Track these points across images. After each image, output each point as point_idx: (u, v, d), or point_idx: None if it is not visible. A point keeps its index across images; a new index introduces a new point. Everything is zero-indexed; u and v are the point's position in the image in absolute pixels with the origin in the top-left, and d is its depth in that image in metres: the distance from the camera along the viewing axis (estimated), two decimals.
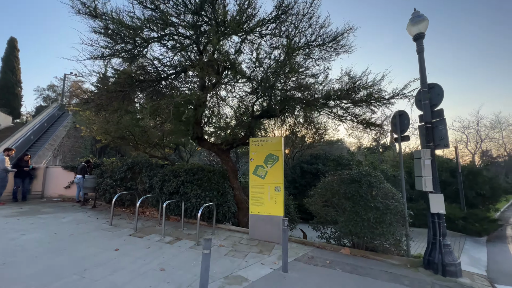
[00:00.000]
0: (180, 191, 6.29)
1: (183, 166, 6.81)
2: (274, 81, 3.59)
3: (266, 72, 3.72)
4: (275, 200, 5.43)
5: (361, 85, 3.81)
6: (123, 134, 7.31)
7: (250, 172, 5.71)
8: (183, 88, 5.43)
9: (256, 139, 5.77)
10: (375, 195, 4.62)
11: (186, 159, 10.78)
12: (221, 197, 6.20)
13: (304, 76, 4.58)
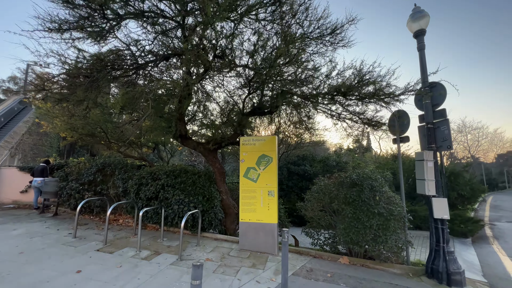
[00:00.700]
0: (160, 196, 5.54)
1: (164, 168, 6.05)
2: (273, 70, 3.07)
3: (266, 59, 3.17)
4: (268, 206, 4.91)
5: (370, 79, 3.42)
6: (92, 130, 6.36)
7: (241, 174, 5.14)
8: (165, 79, 4.71)
9: (248, 138, 5.22)
10: (379, 200, 4.27)
11: (166, 159, 9.90)
12: (207, 202, 5.55)
13: (303, 68, 4.10)
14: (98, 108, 5.15)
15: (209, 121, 5.60)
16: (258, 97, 6.07)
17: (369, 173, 4.70)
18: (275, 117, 7.28)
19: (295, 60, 3.35)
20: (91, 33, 2.96)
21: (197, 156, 20.51)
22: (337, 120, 5.12)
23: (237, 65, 3.31)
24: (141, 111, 5.43)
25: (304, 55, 3.73)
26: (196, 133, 6.18)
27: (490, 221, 10.51)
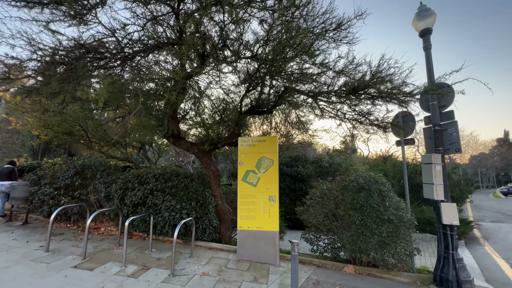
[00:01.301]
0: (148, 202, 4.99)
1: (152, 170, 5.49)
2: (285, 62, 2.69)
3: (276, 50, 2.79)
4: (269, 212, 4.54)
5: (387, 76, 3.14)
6: (70, 128, 5.67)
7: (239, 178, 4.73)
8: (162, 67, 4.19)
9: (247, 139, 4.81)
10: (388, 206, 4.02)
11: (154, 160, 9.23)
12: (200, 208, 5.07)
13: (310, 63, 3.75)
14: (77, 103, 4.52)
15: (204, 120, 5.12)
16: (257, 95, 5.70)
17: (376, 177, 4.45)
18: (272, 116, 6.94)
19: (305, 52, 3.00)
20: (68, 11, 2.42)
21: (185, 157, 19.76)
22: (340, 120, 4.85)
23: (245, 56, 2.89)
24: (128, 108, 4.86)
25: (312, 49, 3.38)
26: (189, 132, 5.67)
27: (475, 221, 10.79)
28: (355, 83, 3.04)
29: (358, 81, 3.05)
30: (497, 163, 50.85)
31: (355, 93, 3.24)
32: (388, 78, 3.10)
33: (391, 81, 3.19)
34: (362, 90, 3.17)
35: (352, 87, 3.07)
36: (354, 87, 3.05)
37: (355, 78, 3.30)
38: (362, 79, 3.05)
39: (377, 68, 3.08)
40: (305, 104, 5.17)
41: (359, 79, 3.12)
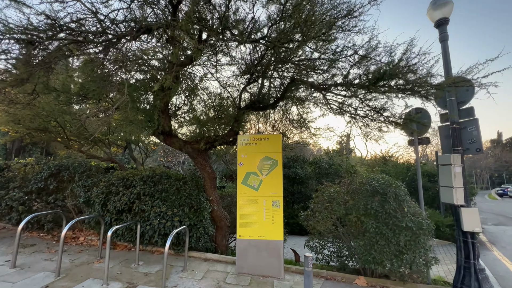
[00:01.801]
0: (135, 209, 4.56)
1: (139, 172, 5.06)
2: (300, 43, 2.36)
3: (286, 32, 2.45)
4: (272, 219, 4.22)
5: (413, 65, 2.86)
6: (44, 124, 5.16)
7: (238, 181, 4.39)
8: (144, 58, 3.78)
9: (247, 137, 4.47)
10: (407, 212, 3.77)
11: (141, 160, 8.72)
12: (194, 215, 4.69)
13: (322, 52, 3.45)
14: (52, 94, 4.04)
15: (200, 115, 4.73)
16: (258, 89, 5.37)
17: (390, 180, 4.20)
18: (273, 113, 6.63)
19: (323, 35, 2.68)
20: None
21: (174, 157, 19.17)
22: (351, 117, 4.58)
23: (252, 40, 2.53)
24: (111, 101, 4.42)
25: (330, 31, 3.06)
26: (181, 130, 5.26)
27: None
28: (379, 73, 2.75)
29: (381, 70, 2.76)
30: (491, 164, 52.53)
31: (376, 85, 2.95)
32: (414, 68, 2.83)
33: (415, 71, 2.91)
34: (386, 80, 2.88)
35: (375, 77, 2.78)
36: (377, 77, 2.76)
37: (378, 67, 3.01)
38: (387, 68, 2.76)
39: (404, 55, 2.79)
40: (311, 99, 4.87)
41: (382, 68, 2.83)
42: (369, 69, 3.10)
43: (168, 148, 19.08)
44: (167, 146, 17.72)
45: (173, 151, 18.91)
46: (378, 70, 2.77)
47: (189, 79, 4.41)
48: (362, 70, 3.23)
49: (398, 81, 2.95)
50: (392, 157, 15.65)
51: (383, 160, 14.91)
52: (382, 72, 2.73)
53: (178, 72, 3.10)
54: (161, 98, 3.50)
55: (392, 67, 2.74)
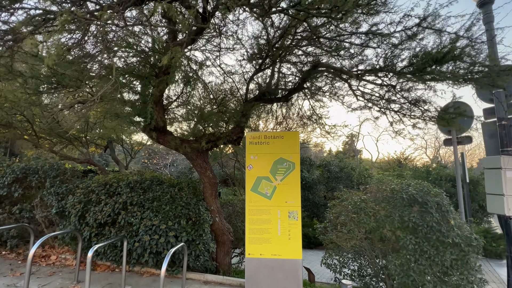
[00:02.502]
0: (120, 221, 4.18)
1: (125, 177, 4.68)
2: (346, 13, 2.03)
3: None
4: (289, 234, 3.91)
5: (472, 45, 2.58)
6: (8, 118, 4.71)
7: (247, 188, 4.07)
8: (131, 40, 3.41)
9: (258, 135, 4.15)
10: (453, 225, 3.50)
11: (124, 163, 8.27)
12: (193, 228, 4.35)
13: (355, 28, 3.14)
14: (18, 81, 3.62)
15: (201, 107, 4.36)
16: (268, 77, 5.06)
17: (428, 186, 3.93)
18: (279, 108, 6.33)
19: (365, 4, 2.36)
20: None
21: (160, 158, 18.64)
22: (380, 111, 4.31)
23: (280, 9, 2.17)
24: (92, 90, 4.02)
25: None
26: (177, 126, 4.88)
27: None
28: (440, 53, 2.43)
29: (441, 51, 2.46)
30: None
31: (426, 70, 2.64)
32: (474, 50, 2.54)
33: (473, 55, 2.63)
34: (441, 64, 2.58)
35: (434, 58, 2.46)
36: (437, 58, 2.45)
37: (429, 48, 2.71)
38: (448, 48, 2.46)
39: (468, 32, 2.48)
40: (332, 90, 4.58)
41: (442, 48, 2.53)
42: (418, 50, 2.80)
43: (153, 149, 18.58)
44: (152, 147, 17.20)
45: (160, 152, 18.42)
46: (439, 51, 2.45)
47: (187, 65, 4.05)
48: (409, 53, 2.93)
49: (454, 65, 2.66)
50: (407, 159, 15.55)
51: (398, 163, 14.79)
52: (443, 52, 2.41)
53: (179, 52, 2.73)
54: (156, 84, 3.12)
55: (452, 48, 2.44)
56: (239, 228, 5.94)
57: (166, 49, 3.32)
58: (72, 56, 3.40)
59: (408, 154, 17.46)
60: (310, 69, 3.67)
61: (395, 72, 2.93)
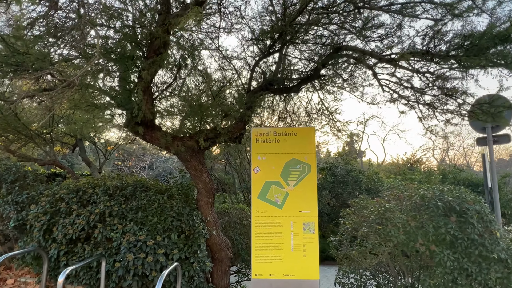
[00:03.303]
0: (97, 236, 3.89)
1: (102, 182, 4.36)
2: None
3: None
4: (304, 250, 3.76)
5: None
6: None
7: (253, 194, 3.90)
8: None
9: (266, 131, 3.96)
10: (497, 239, 3.39)
11: (97, 164, 7.82)
12: (186, 244, 4.12)
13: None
14: None
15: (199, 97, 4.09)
16: (272, 65, 4.89)
17: (464, 192, 3.83)
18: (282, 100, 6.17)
19: None
20: None
21: (136, 160, 18.08)
22: (408, 104, 4.19)
23: None
24: (61, 74, 3.68)
25: None
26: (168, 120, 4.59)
27: None
28: (500, 34, 2.25)
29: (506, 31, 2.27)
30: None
31: (486, 52, 2.48)
32: None
33: None
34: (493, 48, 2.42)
35: (494, 37, 2.28)
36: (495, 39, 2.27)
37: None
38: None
39: None
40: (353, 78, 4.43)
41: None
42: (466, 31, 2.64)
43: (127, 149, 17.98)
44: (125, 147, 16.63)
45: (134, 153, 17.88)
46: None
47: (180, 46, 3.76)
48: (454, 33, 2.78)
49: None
50: (418, 162, 15.72)
51: (409, 166, 14.89)
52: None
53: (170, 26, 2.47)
54: (148, 66, 2.82)
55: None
56: (237, 242, 5.71)
57: (158, 23, 3.05)
58: (38, 31, 3.08)
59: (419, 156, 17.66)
60: (331, 53, 3.47)
61: (443, 56, 2.77)
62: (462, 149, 41.92)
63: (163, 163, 19.51)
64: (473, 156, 36.47)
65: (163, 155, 19.69)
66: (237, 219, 6.05)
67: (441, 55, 2.76)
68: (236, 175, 13.87)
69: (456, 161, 41.11)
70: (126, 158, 17.92)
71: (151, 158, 18.57)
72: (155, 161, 17.93)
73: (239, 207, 6.49)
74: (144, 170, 17.61)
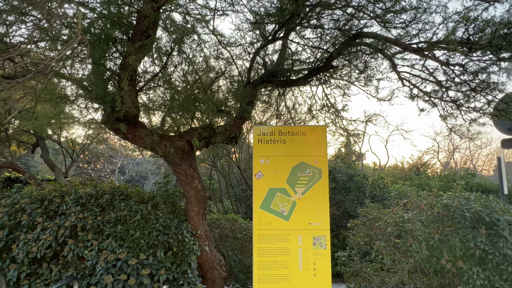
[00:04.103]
0: (67, 255, 3.71)
1: (72, 189, 4.16)
2: None
3: None
4: (314, 269, 3.75)
5: None
6: None
7: (255, 204, 3.84)
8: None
9: (270, 129, 3.90)
10: None
11: (63, 168, 7.48)
12: (174, 262, 4.01)
13: None
14: None
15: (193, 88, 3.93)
16: (273, 53, 4.83)
17: (493, 201, 3.85)
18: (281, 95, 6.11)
19: None
20: None
21: (105, 163, 17.58)
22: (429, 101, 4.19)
23: None
24: (22, 59, 3.47)
25: None
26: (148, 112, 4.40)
27: None
28: None
29: None
30: None
31: None
32: None
33: None
34: None
35: None
36: None
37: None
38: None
39: None
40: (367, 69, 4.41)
41: None
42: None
43: (92, 150, 17.42)
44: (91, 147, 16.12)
45: (103, 155, 17.39)
46: None
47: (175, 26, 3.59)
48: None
49: None
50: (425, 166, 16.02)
51: (416, 170, 15.16)
52: None
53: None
54: (135, 51, 2.64)
55: None
56: (230, 258, 5.59)
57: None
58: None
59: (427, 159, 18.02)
60: (349, 40, 3.40)
61: (485, 45, 2.72)
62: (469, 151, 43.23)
63: (136, 166, 19.08)
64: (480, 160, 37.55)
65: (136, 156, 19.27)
66: (229, 232, 5.92)
67: (483, 44, 2.73)
68: (223, 180, 13.69)
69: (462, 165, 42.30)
70: (93, 160, 17.38)
71: (122, 160, 18.10)
72: (128, 163, 17.53)
73: (231, 217, 6.35)
74: (114, 174, 17.17)
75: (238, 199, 11.95)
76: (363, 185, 10.69)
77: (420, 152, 25.85)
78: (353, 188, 10.79)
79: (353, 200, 10.37)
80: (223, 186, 14.32)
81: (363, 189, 10.63)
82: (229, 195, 12.59)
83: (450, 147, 35.12)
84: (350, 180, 10.90)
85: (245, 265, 5.68)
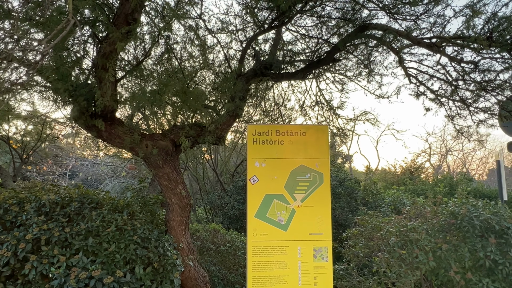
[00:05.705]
0: (27, 273, 3.63)
1: (32, 196, 4.07)
2: None
3: None
4: (315, 284, 3.94)
5: None
6: None
7: (249, 212, 3.93)
8: None
9: (266, 128, 4.00)
10: None
11: (11, 171, 7.15)
12: (154, 280, 4.03)
13: None
14: None
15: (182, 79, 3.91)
16: (266, 43, 4.94)
17: (502, 208, 4.13)
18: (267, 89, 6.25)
19: None
20: None
21: (53, 165, 16.93)
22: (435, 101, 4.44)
23: None
24: None
25: None
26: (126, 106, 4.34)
27: None
28: None
29: None
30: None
31: None
32: None
33: None
34: None
35: None
36: None
37: None
38: None
39: None
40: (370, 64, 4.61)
41: None
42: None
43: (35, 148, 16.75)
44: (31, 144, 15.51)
45: (51, 154, 16.77)
46: None
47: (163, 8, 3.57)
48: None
49: None
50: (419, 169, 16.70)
51: (409, 173, 15.78)
52: None
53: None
54: (121, 36, 2.62)
55: None
56: (213, 274, 5.61)
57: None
58: None
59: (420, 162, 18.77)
60: (356, 31, 3.54)
61: (506, 43, 2.94)
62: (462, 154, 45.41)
63: (92, 168, 18.52)
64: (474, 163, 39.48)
65: (88, 157, 18.68)
66: (211, 244, 5.94)
67: (502, 42, 2.94)
68: (195, 185, 13.60)
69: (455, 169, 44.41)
70: (38, 161, 16.67)
71: (74, 161, 17.52)
72: (83, 164, 17.02)
73: (213, 228, 6.37)
74: (65, 177, 16.63)
75: (214, 207, 11.90)
76: (355, 190, 11.00)
77: (414, 155, 26.88)
78: (344, 194, 11.07)
79: (344, 207, 10.61)
80: (195, 191, 14.21)
81: (354, 195, 10.93)
82: (203, 202, 12.52)
83: (442, 149, 36.68)
84: (341, 185, 11.18)
85: (229, 281, 5.72)
